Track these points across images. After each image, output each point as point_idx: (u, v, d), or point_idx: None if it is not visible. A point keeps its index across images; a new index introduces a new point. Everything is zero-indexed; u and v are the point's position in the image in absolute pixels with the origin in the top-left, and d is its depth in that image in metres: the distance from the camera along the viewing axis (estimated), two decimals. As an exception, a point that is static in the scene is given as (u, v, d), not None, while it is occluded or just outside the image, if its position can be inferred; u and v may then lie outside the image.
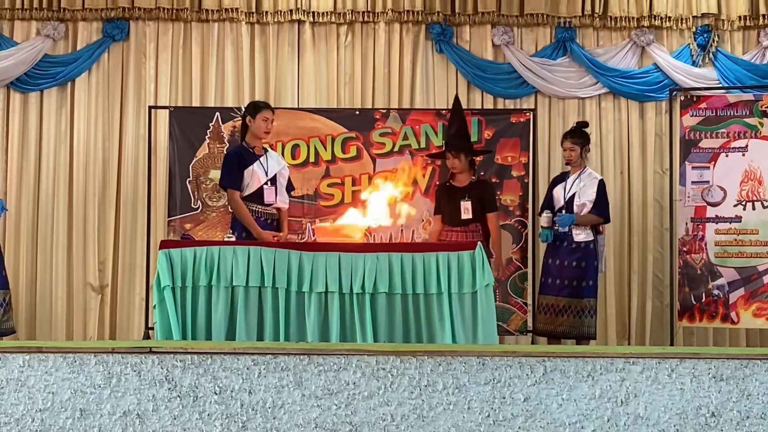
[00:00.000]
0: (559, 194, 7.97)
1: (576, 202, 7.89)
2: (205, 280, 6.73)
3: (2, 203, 7.95)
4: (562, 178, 8.10)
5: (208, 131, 8.60)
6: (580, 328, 7.85)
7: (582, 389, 4.39)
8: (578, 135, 8.03)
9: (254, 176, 7.33)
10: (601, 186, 7.97)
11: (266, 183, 7.36)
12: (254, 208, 7.32)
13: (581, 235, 7.87)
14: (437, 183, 8.41)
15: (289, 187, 7.63)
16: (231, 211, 7.50)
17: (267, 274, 6.73)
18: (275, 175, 7.42)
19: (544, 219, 7.89)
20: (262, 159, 7.39)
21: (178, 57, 9.23)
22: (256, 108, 7.46)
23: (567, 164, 8.08)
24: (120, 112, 9.15)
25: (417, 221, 8.45)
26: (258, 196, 7.34)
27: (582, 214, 7.87)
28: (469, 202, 7.73)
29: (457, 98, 8.17)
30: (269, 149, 7.61)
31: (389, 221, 7.84)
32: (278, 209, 7.45)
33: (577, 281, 7.86)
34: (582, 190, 7.91)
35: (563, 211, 7.90)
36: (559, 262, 7.89)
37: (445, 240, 7.77)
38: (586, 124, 8.23)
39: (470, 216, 7.74)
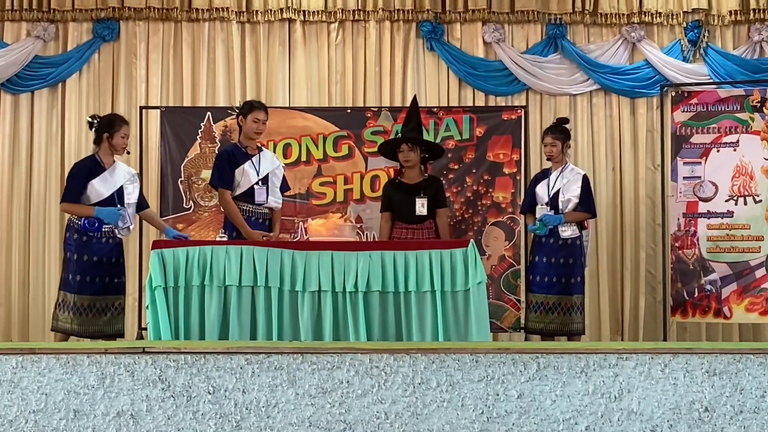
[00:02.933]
0: (543, 191, 7.95)
1: (561, 198, 7.86)
2: (197, 280, 6.72)
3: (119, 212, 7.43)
4: (544, 174, 8.07)
5: (199, 131, 8.59)
6: (570, 325, 7.84)
7: (575, 385, 4.39)
8: (559, 131, 8.00)
9: (245, 175, 7.33)
10: (585, 181, 7.95)
11: (257, 183, 7.35)
12: (245, 208, 7.32)
13: (567, 232, 7.85)
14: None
15: (284, 187, 7.62)
16: (223, 210, 7.50)
17: (260, 273, 6.73)
18: (267, 174, 7.41)
19: (539, 210, 7.87)
20: (254, 158, 7.39)
21: (168, 57, 9.22)
22: (250, 108, 7.46)
23: (548, 160, 8.06)
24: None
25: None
26: (249, 195, 7.34)
27: (567, 210, 7.85)
28: (425, 199, 7.64)
29: (415, 98, 8.13)
30: (263, 149, 7.61)
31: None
32: (270, 209, 7.45)
33: (566, 278, 7.84)
34: (566, 186, 7.89)
35: (548, 208, 7.88)
36: (546, 260, 7.87)
37: (397, 238, 7.63)
38: (566, 120, 8.22)
39: (425, 213, 7.66)
